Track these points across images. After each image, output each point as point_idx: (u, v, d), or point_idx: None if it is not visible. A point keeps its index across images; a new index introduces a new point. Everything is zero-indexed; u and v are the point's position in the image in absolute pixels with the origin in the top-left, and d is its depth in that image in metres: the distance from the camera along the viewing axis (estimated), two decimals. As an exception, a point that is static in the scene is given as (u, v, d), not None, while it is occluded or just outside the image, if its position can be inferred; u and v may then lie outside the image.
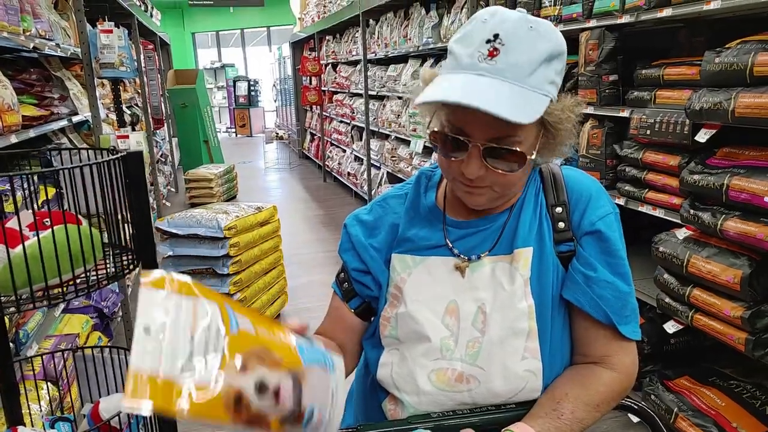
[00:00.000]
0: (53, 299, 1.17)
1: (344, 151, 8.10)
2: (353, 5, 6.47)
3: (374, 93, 6.46)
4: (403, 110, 5.62)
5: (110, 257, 1.31)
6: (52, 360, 2.00)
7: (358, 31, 6.96)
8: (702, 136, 2.11)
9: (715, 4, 1.99)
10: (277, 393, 0.70)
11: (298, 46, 10.78)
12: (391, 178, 6.21)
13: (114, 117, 4.08)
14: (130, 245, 1.34)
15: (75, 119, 3.35)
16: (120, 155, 1.28)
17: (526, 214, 1.03)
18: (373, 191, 6.57)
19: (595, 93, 2.70)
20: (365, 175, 6.74)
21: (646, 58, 2.57)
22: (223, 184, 7.47)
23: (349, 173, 7.68)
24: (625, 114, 2.54)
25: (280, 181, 9.39)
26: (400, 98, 5.78)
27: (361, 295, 1.12)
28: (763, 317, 1.90)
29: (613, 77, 2.66)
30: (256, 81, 16.23)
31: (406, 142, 5.55)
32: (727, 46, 1.96)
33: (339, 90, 8.24)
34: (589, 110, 2.72)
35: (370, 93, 6.50)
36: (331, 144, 8.88)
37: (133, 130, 5.03)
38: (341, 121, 8.21)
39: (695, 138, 2.14)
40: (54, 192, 2.21)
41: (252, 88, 16.09)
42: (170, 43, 11.04)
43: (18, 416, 1.45)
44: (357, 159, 7.55)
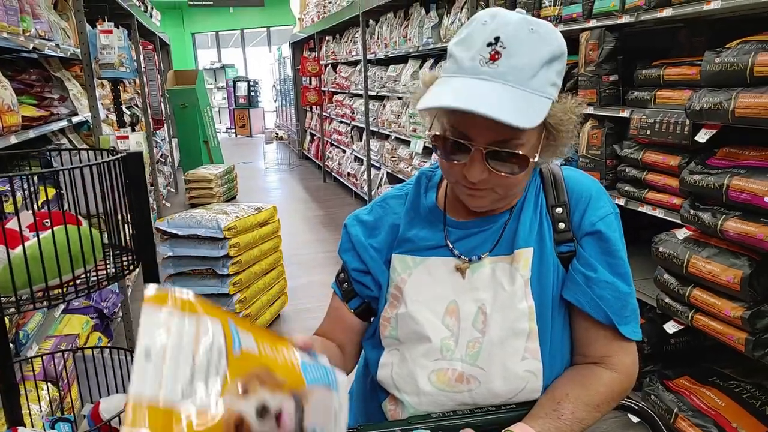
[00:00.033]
0: (53, 300, 1.17)
1: (344, 151, 8.10)
2: (353, 5, 6.47)
3: (374, 93, 6.46)
4: (403, 111, 5.62)
5: (110, 258, 1.31)
6: (52, 360, 1.99)
7: (357, 32, 6.97)
8: (702, 137, 2.11)
9: (715, 4, 1.99)
10: (278, 416, 0.70)
11: (298, 47, 10.79)
12: (391, 178, 6.21)
13: (114, 117, 4.08)
14: (130, 246, 1.34)
15: (75, 120, 3.35)
16: (120, 156, 1.28)
17: (526, 214, 1.03)
18: (373, 192, 6.57)
19: (595, 93, 2.70)
20: (365, 176, 6.74)
21: (646, 58, 2.58)
22: (223, 185, 7.47)
23: (349, 174, 7.68)
24: (625, 114, 2.54)
25: (279, 182, 9.39)
26: (399, 99, 5.78)
27: (361, 296, 1.12)
28: (763, 317, 1.90)
29: (613, 77, 2.66)
30: (255, 81, 16.23)
31: (406, 143, 5.55)
32: (727, 46, 1.96)
33: (339, 90, 8.24)
34: (589, 110, 2.72)
35: (369, 93, 6.50)
36: (331, 144, 8.88)
37: (133, 130, 5.03)
38: (341, 122, 8.21)
39: (695, 138, 2.14)
40: (54, 193, 2.21)
41: (252, 88, 16.09)
42: (170, 43, 11.05)
43: (18, 417, 1.45)
44: (357, 159, 7.55)
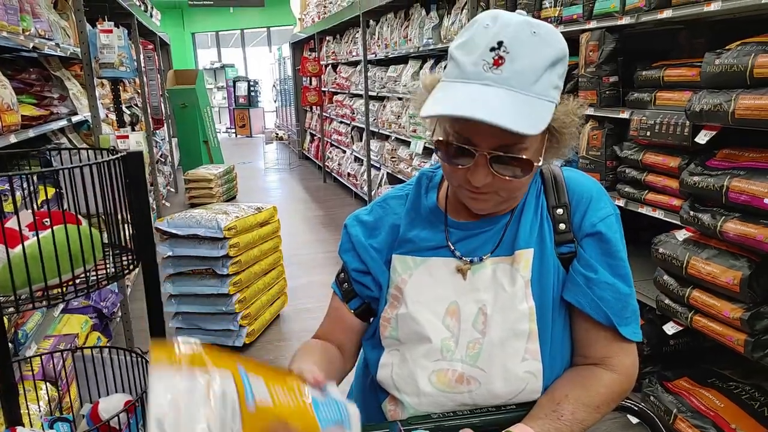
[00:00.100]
0: (53, 299, 1.17)
1: (344, 151, 8.10)
2: (353, 6, 6.47)
3: (374, 94, 6.46)
4: (403, 111, 5.61)
5: (110, 257, 1.31)
6: (51, 360, 1.99)
7: (358, 32, 6.97)
8: (702, 138, 2.11)
9: (715, 6, 1.99)
10: None
11: (298, 47, 10.79)
12: (391, 179, 6.21)
13: (114, 117, 4.08)
14: (129, 245, 1.34)
15: (74, 119, 3.35)
16: (120, 155, 1.27)
17: (527, 215, 1.03)
18: (373, 192, 6.57)
19: (595, 94, 2.70)
20: (365, 176, 6.73)
21: (646, 59, 2.58)
22: (223, 185, 7.47)
23: (349, 174, 7.68)
24: (625, 115, 2.54)
25: (279, 182, 9.39)
26: (400, 99, 5.77)
27: (361, 296, 1.12)
28: (762, 319, 1.90)
29: (613, 78, 2.66)
30: (256, 81, 16.23)
31: (406, 143, 5.55)
32: (727, 47, 1.96)
33: (339, 91, 8.24)
34: (590, 111, 2.72)
35: (370, 94, 6.50)
36: (331, 145, 8.88)
37: (133, 130, 5.03)
38: (341, 122, 8.21)
39: (695, 139, 2.14)
40: (54, 192, 2.22)
41: (252, 88, 16.08)
42: (170, 43, 11.04)
43: (17, 416, 1.45)
44: (357, 160, 7.54)
